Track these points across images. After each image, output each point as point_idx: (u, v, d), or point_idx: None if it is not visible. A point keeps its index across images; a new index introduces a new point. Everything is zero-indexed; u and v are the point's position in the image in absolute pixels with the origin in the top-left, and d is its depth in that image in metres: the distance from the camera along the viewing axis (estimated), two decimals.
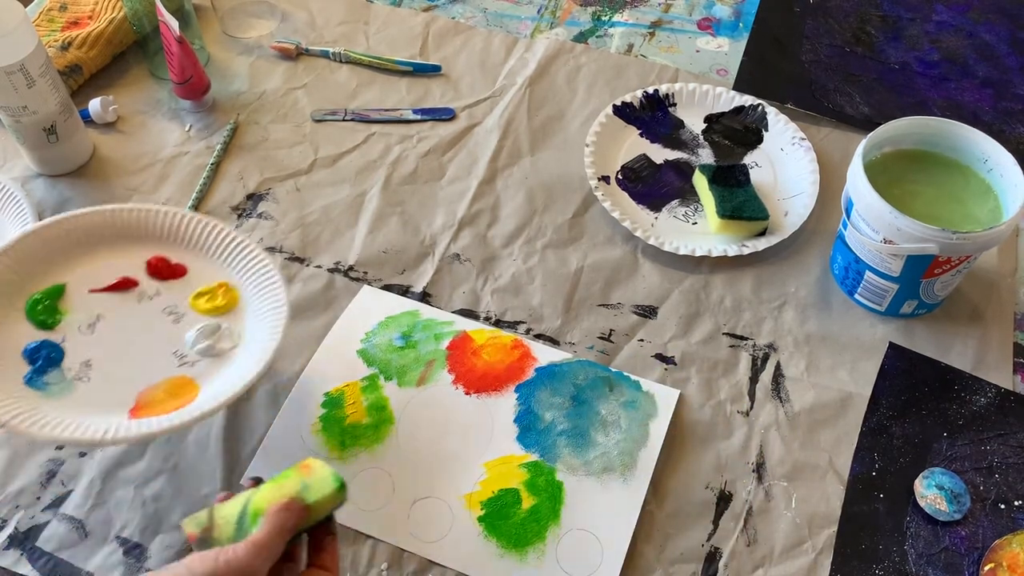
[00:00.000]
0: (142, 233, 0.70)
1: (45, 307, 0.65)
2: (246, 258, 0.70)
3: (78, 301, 0.67)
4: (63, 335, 0.65)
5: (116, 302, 0.67)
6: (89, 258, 0.68)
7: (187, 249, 0.70)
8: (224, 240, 0.70)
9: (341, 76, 0.95)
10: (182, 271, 0.69)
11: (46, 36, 0.92)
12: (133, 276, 0.68)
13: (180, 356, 0.65)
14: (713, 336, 0.75)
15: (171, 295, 0.68)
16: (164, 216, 0.70)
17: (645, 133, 0.89)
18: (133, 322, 0.66)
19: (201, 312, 0.68)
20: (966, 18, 0.99)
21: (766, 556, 0.64)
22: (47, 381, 0.62)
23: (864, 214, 0.70)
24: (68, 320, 0.66)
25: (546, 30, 1.00)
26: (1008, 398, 0.71)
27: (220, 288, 0.69)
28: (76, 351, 0.64)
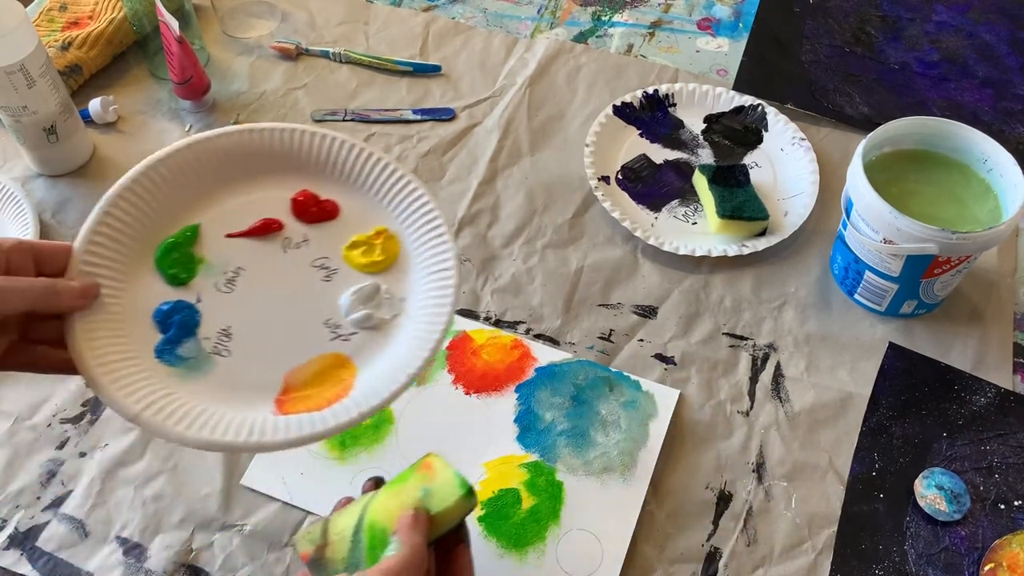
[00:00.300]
0: (284, 160, 0.57)
1: (179, 256, 0.54)
2: (407, 197, 0.57)
3: (214, 248, 0.55)
4: (197, 293, 0.54)
5: (257, 250, 0.55)
6: (224, 192, 0.56)
7: (337, 182, 0.58)
8: (380, 172, 0.57)
9: (341, 76, 0.95)
10: (333, 210, 0.57)
11: (46, 36, 0.92)
12: (277, 217, 0.56)
13: (333, 327, 0.54)
14: (713, 336, 0.75)
15: (321, 242, 0.56)
16: (309, 139, 0.57)
17: (645, 133, 0.89)
18: (278, 278, 0.55)
19: (356, 267, 0.56)
20: (966, 18, 0.99)
21: (766, 556, 0.64)
22: (181, 354, 0.52)
23: (864, 214, 0.70)
24: (203, 273, 0.54)
25: (546, 30, 1.00)
26: (1008, 398, 0.71)
27: (379, 236, 0.57)
28: (214, 315, 0.53)
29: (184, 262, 0.54)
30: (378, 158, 0.57)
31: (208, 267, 0.54)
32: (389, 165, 0.57)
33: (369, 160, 0.57)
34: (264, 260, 0.55)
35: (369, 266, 0.56)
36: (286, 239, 0.56)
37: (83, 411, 0.71)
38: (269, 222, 0.56)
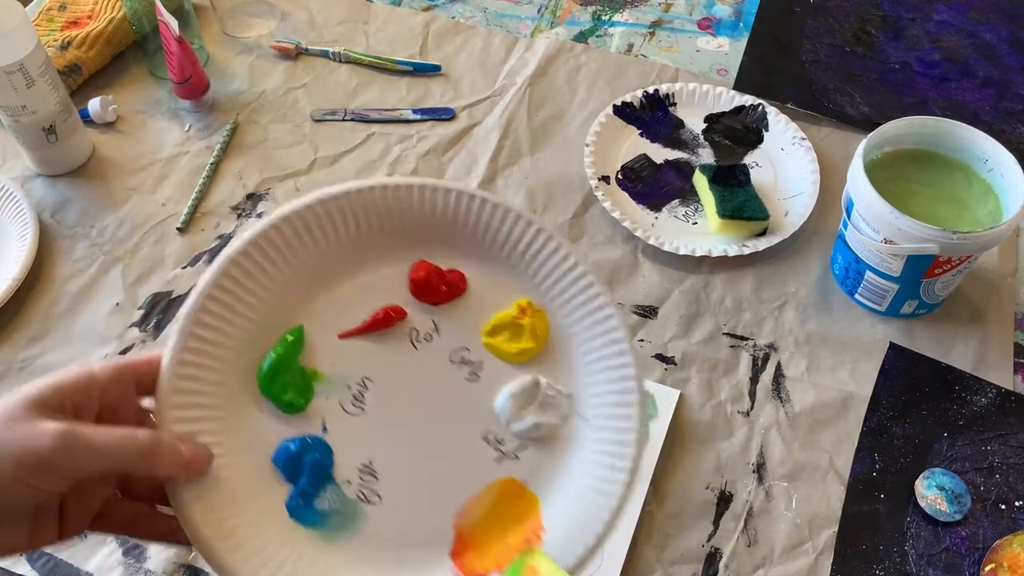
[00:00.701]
0: (389, 226, 0.45)
1: (289, 374, 0.42)
2: (549, 257, 0.46)
3: (328, 356, 0.44)
4: (322, 420, 0.43)
5: (382, 351, 0.44)
6: (323, 278, 0.44)
7: (456, 245, 0.45)
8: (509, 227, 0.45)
9: (341, 76, 0.95)
10: (461, 284, 0.45)
11: (45, 36, 0.92)
12: (396, 303, 0.45)
13: (495, 442, 0.44)
14: (713, 336, 0.75)
15: (455, 329, 0.45)
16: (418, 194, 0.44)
17: (645, 133, 0.89)
18: (414, 384, 0.44)
19: (504, 358, 0.45)
20: (967, 18, 0.99)
21: (766, 556, 0.64)
22: (322, 509, 0.41)
23: (864, 214, 0.70)
24: (322, 391, 0.43)
25: (546, 30, 1.00)
26: (1009, 398, 0.71)
27: (524, 313, 0.45)
28: (349, 447, 0.43)
29: (296, 381, 0.42)
30: (506, 209, 0.45)
31: (326, 383, 0.43)
32: (521, 218, 0.45)
33: (494, 213, 0.45)
34: (393, 363, 0.44)
35: (520, 354, 0.45)
36: (413, 330, 0.45)
37: None
38: (390, 312, 0.44)
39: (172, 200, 0.84)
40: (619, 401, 0.44)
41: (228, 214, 0.83)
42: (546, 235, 0.45)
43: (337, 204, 0.43)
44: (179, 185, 0.85)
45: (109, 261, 0.80)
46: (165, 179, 0.86)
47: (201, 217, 0.83)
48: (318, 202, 0.43)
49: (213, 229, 0.82)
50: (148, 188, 0.85)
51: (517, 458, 0.43)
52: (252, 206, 0.84)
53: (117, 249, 0.81)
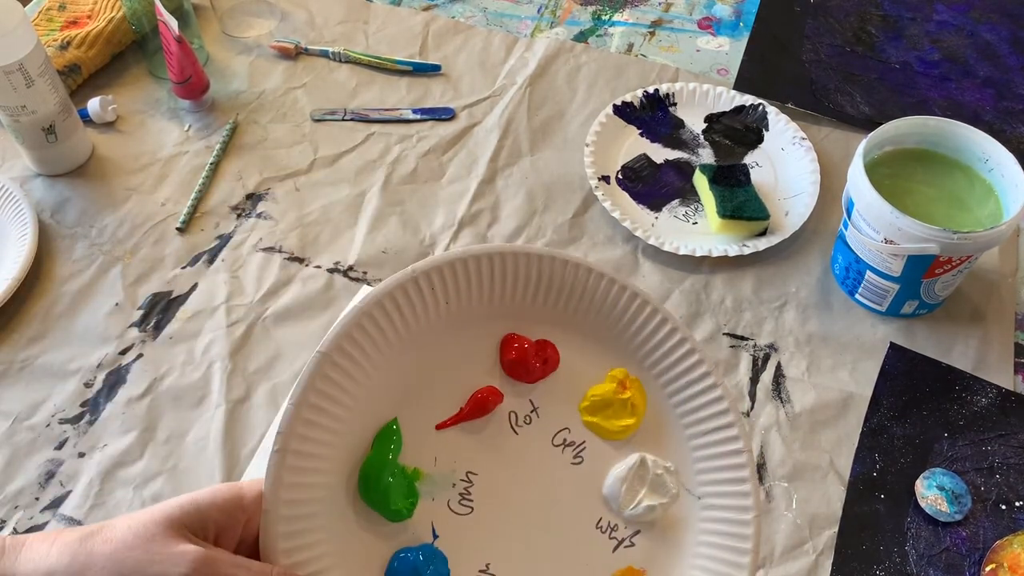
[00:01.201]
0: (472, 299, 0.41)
1: (391, 478, 0.39)
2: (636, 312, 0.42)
3: (428, 452, 0.40)
4: (431, 526, 0.39)
5: (483, 441, 0.41)
6: (413, 367, 0.40)
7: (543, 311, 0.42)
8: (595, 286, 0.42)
9: (341, 76, 0.95)
10: (554, 358, 0.42)
11: (45, 36, 0.92)
12: (490, 385, 0.41)
13: (609, 529, 0.41)
14: (713, 336, 0.75)
15: (554, 408, 0.42)
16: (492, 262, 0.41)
17: (645, 133, 0.89)
18: (520, 474, 0.41)
19: (606, 436, 0.42)
20: (967, 18, 0.99)
21: (767, 557, 0.64)
22: None
23: (865, 214, 0.70)
24: (427, 492, 0.40)
25: (546, 29, 0.99)
26: (1009, 398, 0.71)
27: (622, 386, 0.42)
28: (463, 552, 0.39)
29: (399, 485, 0.39)
30: (588, 268, 0.42)
31: (429, 482, 0.40)
32: (605, 276, 0.42)
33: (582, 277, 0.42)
34: (495, 452, 0.41)
35: (621, 431, 0.42)
36: (512, 414, 0.41)
37: (82, 411, 0.71)
38: (486, 395, 0.41)
39: (172, 200, 0.84)
40: (731, 478, 0.42)
41: (228, 214, 0.83)
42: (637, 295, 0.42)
43: (427, 280, 0.39)
44: (179, 185, 0.85)
45: (109, 261, 0.80)
46: (165, 179, 0.86)
47: (201, 217, 0.83)
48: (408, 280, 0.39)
49: (213, 229, 0.82)
50: (148, 188, 0.85)
51: (633, 544, 0.41)
52: (252, 206, 0.84)
53: (117, 249, 0.81)
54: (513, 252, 0.41)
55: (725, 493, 0.41)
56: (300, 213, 0.83)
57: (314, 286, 0.78)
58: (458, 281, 0.40)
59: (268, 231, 0.82)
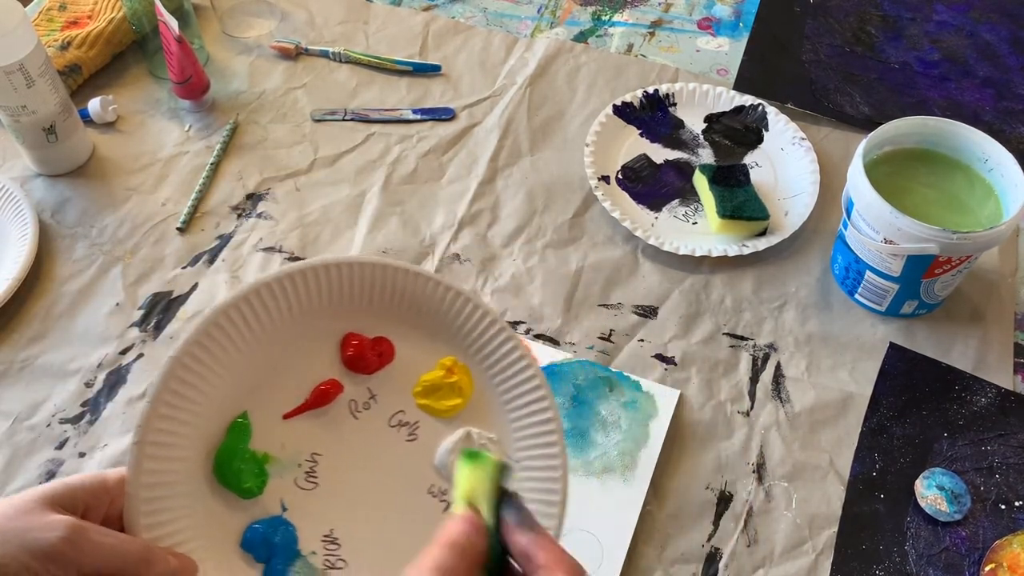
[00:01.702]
0: (313, 304, 0.46)
1: (242, 461, 0.44)
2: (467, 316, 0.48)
3: (274, 437, 0.45)
4: (280, 500, 0.45)
5: (325, 425, 0.46)
6: (261, 365, 0.46)
7: (379, 312, 0.48)
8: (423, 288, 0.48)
9: (341, 76, 0.95)
10: (389, 351, 0.48)
11: (45, 36, 0.92)
12: (331, 378, 0.47)
13: (439, 494, 0.47)
14: (713, 336, 0.75)
15: (390, 395, 0.47)
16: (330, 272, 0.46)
17: (645, 133, 0.89)
18: (360, 453, 0.47)
19: (437, 415, 0.48)
20: (967, 18, 0.99)
21: (766, 557, 0.64)
22: None
23: (864, 214, 0.70)
24: (276, 473, 0.45)
25: (546, 30, 1.00)
26: (1008, 398, 0.71)
27: (450, 373, 0.48)
28: (309, 521, 0.45)
29: (250, 467, 0.44)
30: (416, 273, 0.47)
31: (278, 464, 0.45)
32: (431, 279, 0.47)
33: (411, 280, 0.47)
34: (336, 435, 0.46)
35: (450, 410, 0.48)
36: (352, 402, 0.47)
37: (82, 411, 0.71)
38: (327, 387, 0.46)
39: (172, 200, 0.84)
40: (543, 443, 0.47)
41: (228, 214, 0.83)
42: (460, 294, 0.48)
43: (268, 290, 0.45)
44: (179, 185, 0.85)
45: (109, 261, 0.80)
46: (165, 179, 0.86)
47: (201, 217, 0.83)
48: (251, 291, 0.45)
49: (213, 229, 0.82)
50: (148, 188, 0.85)
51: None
52: (252, 206, 0.84)
53: (117, 249, 0.81)
54: (348, 263, 0.46)
55: (538, 456, 0.47)
56: (300, 213, 0.83)
57: None
58: (298, 290, 0.46)
59: (268, 231, 0.82)
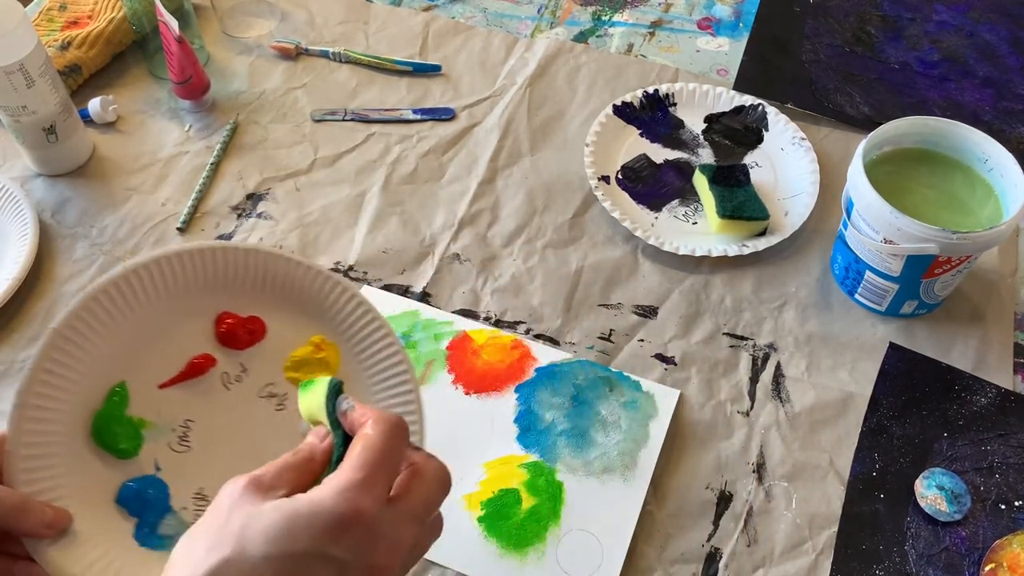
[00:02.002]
0: (194, 283, 0.51)
1: (118, 426, 0.48)
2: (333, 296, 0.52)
3: (152, 406, 0.49)
4: (155, 461, 0.49)
5: (199, 395, 0.50)
6: (139, 339, 0.50)
7: (252, 295, 0.52)
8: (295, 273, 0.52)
9: (341, 76, 0.95)
10: (260, 329, 0.52)
11: (45, 36, 0.92)
12: (206, 351, 0.51)
13: None
14: (713, 336, 0.75)
15: (261, 369, 0.51)
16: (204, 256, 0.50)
17: (645, 133, 0.89)
18: (230, 419, 0.51)
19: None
20: (966, 18, 0.99)
21: (766, 556, 0.64)
22: (165, 534, 0.47)
23: (864, 214, 0.70)
24: (151, 437, 0.49)
25: (546, 30, 1.00)
26: (1008, 398, 0.71)
27: (318, 350, 0.52)
28: (181, 480, 0.49)
29: (126, 431, 0.48)
30: (287, 258, 0.51)
31: (153, 428, 0.49)
32: (301, 264, 0.51)
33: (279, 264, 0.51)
34: (210, 404, 0.50)
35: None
36: (224, 374, 0.51)
37: None
38: (201, 361, 0.50)
39: (172, 200, 0.84)
40: (404, 412, 0.51)
41: (228, 214, 0.83)
42: (328, 277, 0.52)
43: (146, 271, 0.49)
44: (179, 185, 0.85)
45: (109, 261, 0.80)
46: (165, 179, 0.86)
47: (201, 217, 0.83)
48: (129, 271, 0.49)
49: (213, 229, 0.82)
50: (148, 188, 0.85)
51: None
52: (252, 206, 0.84)
53: (117, 249, 0.81)
54: (222, 247, 0.51)
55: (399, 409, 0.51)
56: (300, 213, 0.83)
57: None
58: (175, 271, 0.50)
59: (268, 231, 0.82)
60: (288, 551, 0.35)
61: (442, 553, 0.63)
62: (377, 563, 0.37)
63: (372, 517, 0.37)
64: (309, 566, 0.35)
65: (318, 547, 0.35)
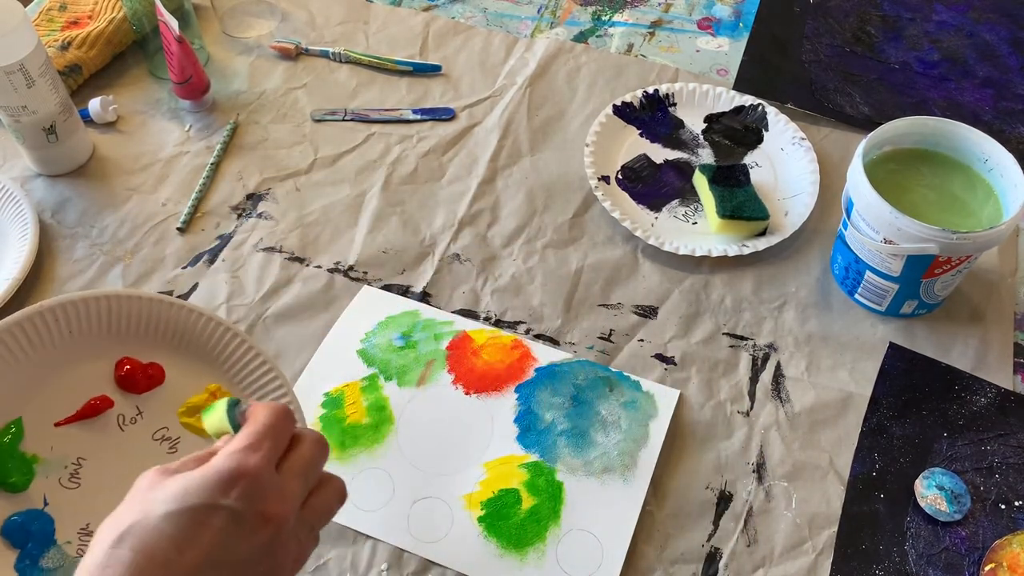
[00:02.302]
0: (95, 331, 0.53)
1: (10, 459, 0.49)
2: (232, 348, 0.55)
3: (45, 442, 0.51)
4: (43, 495, 0.50)
5: (94, 435, 0.52)
6: (38, 377, 0.51)
7: (154, 343, 0.54)
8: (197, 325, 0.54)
9: (341, 76, 0.95)
10: (159, 375, 0.54)
11: (46, 36, 0.92)
12: (103, 393, 0.53)
13: None
14: (713, 336, 0.75)
15: (156, 412, 0.54)
16: (110, 303, 0.53)
17: (645, 133, 0.89)
18: (122, 459, 0.52)
19: (198, 432, 0.55)
20: (966, 18, 0.99)
21: (766, 556, 0.64)
22: (46, 566, 0.49)
23: (864, 214, 0.70)
24: (42, 472, 0.50)
25: (546, 30, 1.00)
26: (1008, 398, 0.71)
27: (212, 394, 0.55)
28: (68, 515, 0.50)
29: (17, 465, 0.50)
30: (189, 310, 0.55)
31: (45, 464, 0.51)
32: (203, 316, 0.55)
33: (186, 315, 0.55)
34: (102, 444, 0.52)
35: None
36: (120, 415, 0.53)
37: None
38: (98, 402, 0.52)
39: (172, 200, 0.84)
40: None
41: (228, 214, 0.83)
42: (220, 324, 0.55)
43: (51, 314, 0.51)
44: (179, 185, 0.85)
45: (109, 261, 0.80)
46: (165, 179, 0.86)
47: (201, 217, 0.83)
48: (34, 313, 0.51)
49: (214, 229, 0.82)
50: (148, 188, 0.85)
51: None
52: (252, 206, 0.84)
53: (117, 249, 0.81)
54: (128, 295, 0.52)
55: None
56: (300, 213, 0.83)
57: (315, 286, 0.78)
58: (79, 315, 0.51)
59: (268, 231, 0.82)
60: (184, 506, 0.39)
61: (442, 553, 0.63)
62: (268, 510, 0.41)
63: (258, 471, 0.41)
64: (206, 516, 0.39)
65: (211, 499, 0.39)
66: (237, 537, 0.40)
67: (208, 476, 0.40)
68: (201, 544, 0.38)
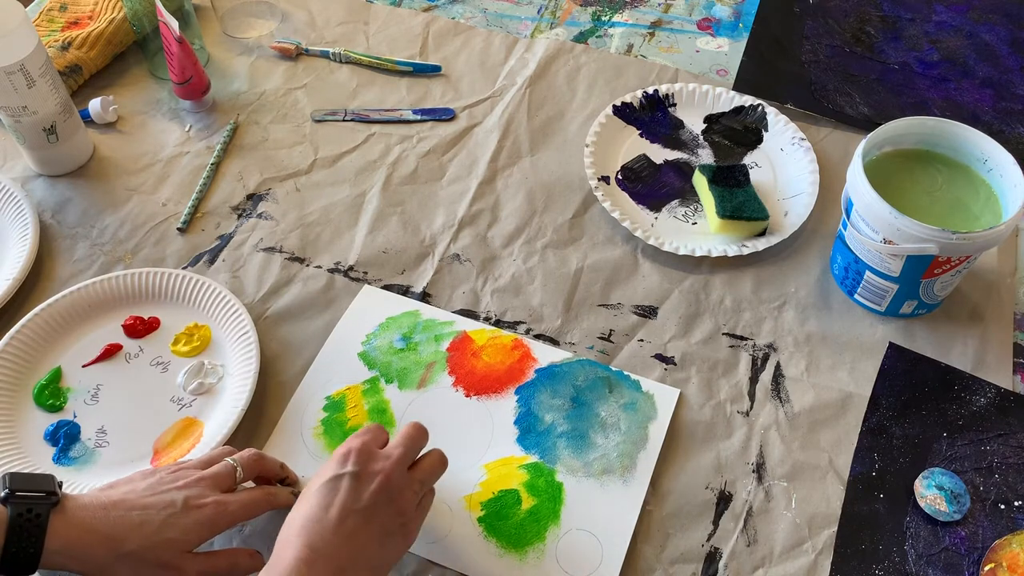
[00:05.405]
0: (110, 300, 0.76)
1: (50, 391, 0.71)
2: (208, 295, 0.76)
3: (75, 378, 0.72)
4: (73, 411, 0.70)
5: (108, 369, 0.73)
6: (72, 337, 0.74)
7: (155, 302, 0.76)
8: (184, 284, 0.76)
9: (341, 76, 0.95)
10: (155, 324, 0.75)
11: (46, 36, 0.92)
12: (115, 341, 0.74)
13: (177, 400, 0.71)
14: (713, 336, 0.75)
15: (153, 348, 0.74)
16: (125, 280, 0.76)
17: (645, 133, 0.89)
18: (128, 382, 0.72)
19: (183, 356, 0.73)
20: (966, 18, 0.99)
21: (766, 556, 0.64)
22: (73, 456, 0.68)
23: (864, 214, 0.70)
24: (72, 397, 0.71)
25: (546, 30, 1.00)
26: (1008, 398, 0.71)
27: (193, 330, 0.75)
28: (89, 422, 0.70)
29: (55, 395, 0.71)
30: (178, 275, 0.76)
31: (75, 392, 0.71)
32: (189, 277, 0.76)
33: (172, 279, 0.76)
34: (115, 373, 0.73)
35: (191, 352, 0.74)
36: (127, 353, 0.74)
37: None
38: (111, 347, 0.74)
39: (173, 200, 0.84)
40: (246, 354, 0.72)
41: (229, 214, 0.83)
42: (203, 281, 0.76)
43: (80, 292, 0.75)
44: (180, 185, 0.85)
45: (110, 261, 0.80)
46: (166, 179, 0.86)
47: (202, 217, 0.83)
48: (69, 293, 0.75)
49: (214, 229, 0.82)
50: (149, 188, 0.85)
51: (190, 406, 0.71)
52: (252, 206, 0.84)
53: (118, 249, 0.81)
54: (134, 273, 0.77)
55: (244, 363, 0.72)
56: (301, 213, 0.83)
57: (315, 286, 0.78)
58: (84, 299, 0.76)
59: (269, 231, 0.82)
60: (322, 482, 0.56)
61: (442, 553, 0.63)
62: (376, 467, 0.57)
63: (362, 444, 0.58)
64: (336, 483, 0.56)
65: (337, 471, 0.56)
66: (359, 491, 0.56)
67: (332, 457, 0.58)
68: (337, 501, 0.55)
